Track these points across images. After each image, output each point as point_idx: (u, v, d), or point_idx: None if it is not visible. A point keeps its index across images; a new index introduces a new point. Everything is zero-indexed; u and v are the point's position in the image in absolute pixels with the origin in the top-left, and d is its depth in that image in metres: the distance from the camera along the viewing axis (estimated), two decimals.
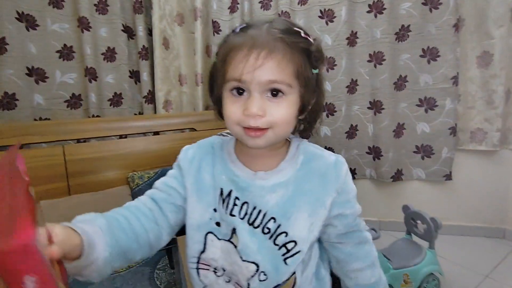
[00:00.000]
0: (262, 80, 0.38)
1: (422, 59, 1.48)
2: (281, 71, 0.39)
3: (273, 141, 0.42)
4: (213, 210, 0.46)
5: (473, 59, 1.43)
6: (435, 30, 1.43)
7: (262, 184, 0.44)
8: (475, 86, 1.44)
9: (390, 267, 1.07)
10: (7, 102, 1.24)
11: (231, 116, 0.41)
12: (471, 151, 1.52)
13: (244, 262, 0.43)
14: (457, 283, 1.20)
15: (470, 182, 1.55)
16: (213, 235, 0.46)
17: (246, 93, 0.40)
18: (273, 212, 0.44)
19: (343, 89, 1.60)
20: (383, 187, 1.69)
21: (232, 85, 0.41)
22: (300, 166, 0.46)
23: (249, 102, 0.39)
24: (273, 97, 0.40)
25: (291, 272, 0.44)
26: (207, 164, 0.48)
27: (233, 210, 0.45)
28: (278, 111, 0.40)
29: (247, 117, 0.39)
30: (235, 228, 0.44)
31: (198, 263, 0.47)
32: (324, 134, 1.67)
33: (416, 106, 1.53)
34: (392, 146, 1.59)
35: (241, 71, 0.38)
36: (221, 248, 0.45)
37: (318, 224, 0.45)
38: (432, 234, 1.13)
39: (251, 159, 0.46)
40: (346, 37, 1.55)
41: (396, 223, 1.60)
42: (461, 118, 1.50)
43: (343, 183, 0.46)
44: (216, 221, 0.46)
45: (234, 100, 0.41)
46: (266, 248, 0.43)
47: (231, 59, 0.40)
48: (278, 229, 0.43)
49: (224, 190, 0.46)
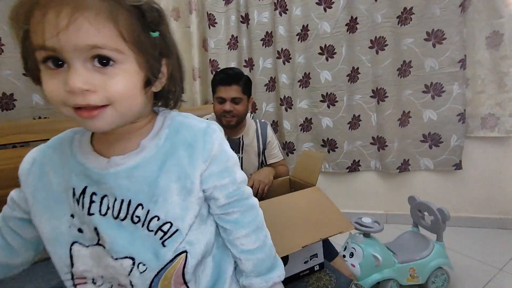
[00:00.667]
0: (78, 44, 0.31)
1: (427, 43, 1.41)
2: (98, 32, 0.32)
3: (117, 120, 0.36)
4: (70, 216, 0.40)
5: (482, 40, 1.35)
6: (440, 11, 1.35)
7: (116, 171, 0.39)
8: (485, 69, 1.36)
9: (396, 261, 1.02)
10: (5, 102, 1.26)
11: (53, 96, 0.33)
12: (482, 138, 1.44)
13: (117, 260, 0.39)
14: (468, 277, 1.14)
15: (481, 171, 1.48)
16: (79, 244, 0.40)
17: (66, 65, 0.32)
18: (138, 199, 0.39)
19: (343, 78, 1.55)
20: (389, 179, 1.63)
21: (41, 54, 0.32)
22: (164, 142, 0.41)
23: (69, 74, 0.32)
24: (103, 67, 0.33)
25: (172, 253, 0.40)
26: (54, 166, 0.42)
27: (90, 208, 0.39)
28: (114, 84, 0.33)
29: (71, 95, 0.32)
30: (96, 227, 0.39)
31: (73, 279, 0.42)
32: (326, 125, 1.62)
33: (421, 93, 1.47)
34: (397, 135, 1.53)
35: (43, 35, 0.30)
36: (91, 255, 0.40)
37: (192, 201, 0.41)
38: (440, 225, 1.07)
39: (107, 145, 0.41)
40: (346, 23, 1.49)
41: (403, 215, 1.54)
42: (470, 103, 1.43)
43: (215, 151, 0.42)
44: (77, 228, 0.40)
45: (51, 74, 0.33)
46: (141, 238, 0.39)
47: (31, 19, 0.31)
48: (148, 215, 0.39)
49: (76, 189, 0.40)
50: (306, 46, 1.57)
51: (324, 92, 1.59)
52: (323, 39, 1.53)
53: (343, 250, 1.06)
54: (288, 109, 1.64)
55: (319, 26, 1.53)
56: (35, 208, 0.42)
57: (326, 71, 1.57)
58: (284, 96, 1.63)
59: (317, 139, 1.68)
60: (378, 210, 1.67)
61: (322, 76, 1.58)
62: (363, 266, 0.98)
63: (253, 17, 1.58)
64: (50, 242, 0.41)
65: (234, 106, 1.10)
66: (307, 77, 1.61)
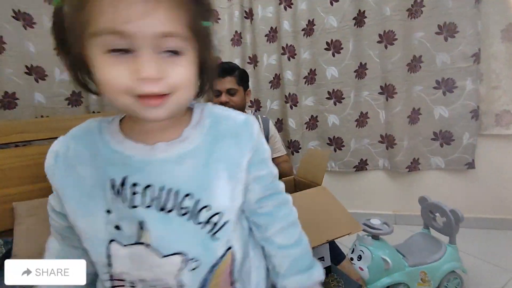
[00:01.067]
0: (153, 31, 0.30)
1: (438, 37, 1.35)
2: (171, 20, 0.31)
3: (174, 110, 0.35)
4: (106, 212, 0.37)
5: (497, 33, 1.29)
6: (452, 3, 1.30)
7: (165, 157, 0.36)
8: (500, 63, 1.31)
9: (406, 264, 0.99)
10: (7, 101, 1.25)
11: (116, 84, 0.31)
12: (496, 136, 1.39)
13: (165, 258, 0.36)
14: (483, 281, 1.09)
15: (495, 170, 1.42)
16: (117, 242, 0.37)
17: (131, 52, 0.31)
18: (186, 188, 0.37)
19: (351, 74, 1.51)
20: (398, 178, 1.59)
21: (109, 40, 0.30)
22: (208, 130, 0.40)
23: (143, 62, 0.30)
24: (171, 55, 0.32)
25: (224, 246, 0.39)
26: (81, 159, 0.38)
27: (134, 200, 0.36)
28: (179, 73, 0.33)
29: (142, 82, 0.30)
30: (142, 221, 0.36)
31: (111, 280, 0.39)
32: (332, 123, 1.58)
33: (432, 89, 1.42)
34: (407, 133, 1.48)
35: (114, 19, 0.29)
36: (130, 256, 0.37)
37: (239, 189, 0.41)
38: (453, 227, 1.03)
39: (146, 135, 0.38)
40: (353, 17, 1.45)
41: (412, 216, 1.51)
42: (484, 99, 1.37)
43: (257, 141, 0.42)
44: (114, 225, 0.37)
45: (114, 61, 0.31)
46: (190, 231, 0.37)
47: (100, 1, 0.29)
48: (197, 205, 0.37)
49: (115, 180, 0.36)
50: (311, 42, 1.53)
51: (331, 89, 1.55)
52: (330, 33, 1.49)
53: (350, 253, 1.03)
54: (293, 107, 1.61)
55: (325, 20, 1.48)
56: (67, 206, 0.38)
57: (333, 67, 1.52)
58: (289, 93, 1.59)
59: (323, 137, 1.64)
60: (387, 211, 1.62)
61: (328, 72, 1.54)
62: (372, 269, 0.94)
63: (257, 12, 1.55)
64: (87, 240, 0.39)
65: (230, 98, 1.12)
66: (312, 73, 1.57)
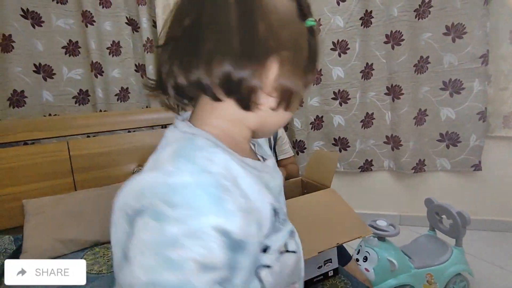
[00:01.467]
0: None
1: (446, 37, 1.34)
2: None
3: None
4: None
5: (506, 34, 1.28)
6: (461, 4, 1.29)
7: (272, 167, 0.40)
8: (508, 64, 1.30)
9: (412, 266, 0.98)
10: (16, 99, 1.25)
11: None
12: (504, 138, 1.38)
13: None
14: (489, 284, 1.09)
15: (502, 173, 1.42)
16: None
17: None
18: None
19: (357, 74, 1.50)
20: (403, 179, 1.58)
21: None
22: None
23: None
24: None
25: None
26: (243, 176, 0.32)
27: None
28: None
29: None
30: (292, 230, 0.37)
31: None
32: (338, 124, 1.58)
33: (439, 90, 1.41)
34: (413, 134, 1.47)
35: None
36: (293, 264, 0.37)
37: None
38: (459, 230, 1.02)
39: (242, 148, 0.35)
40: (360, 17, 1.44)
41: (418, 217, 1.51)
42: (492, 101, 1.36)
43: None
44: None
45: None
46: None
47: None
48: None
49: (273, 202, 0.32)
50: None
51: (336, 89, 1.55)
52: (336, 34, 1.48)
53: (356, 254, 1.03)
54: (299, 107, 1.60)
55: (332, 20, 1.48)
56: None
57: (339, 67, 1.52)
58: None
59: (328, 138, 1.64)
60: (392, 212, 1.62)
61: (334, 73, 1.53)
62: (377, 271, 0.94)
63: None
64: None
65: None
66: (318, 73, 1.57)
